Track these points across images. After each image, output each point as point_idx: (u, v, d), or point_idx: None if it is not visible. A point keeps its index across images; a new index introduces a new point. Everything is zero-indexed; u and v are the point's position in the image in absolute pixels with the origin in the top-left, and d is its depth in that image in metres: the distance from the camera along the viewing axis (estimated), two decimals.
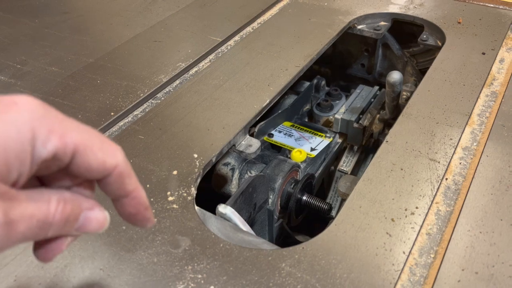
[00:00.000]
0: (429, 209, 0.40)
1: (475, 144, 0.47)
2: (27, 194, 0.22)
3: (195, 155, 0.47)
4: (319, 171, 0.66)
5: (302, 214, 0.60)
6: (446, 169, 0.44)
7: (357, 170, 0.74)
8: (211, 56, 0.64)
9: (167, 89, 0.58)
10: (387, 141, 0.47)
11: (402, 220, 0.39)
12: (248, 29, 0.70)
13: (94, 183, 0.26)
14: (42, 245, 0.24)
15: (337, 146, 0.71)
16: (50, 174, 0.24)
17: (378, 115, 0.72)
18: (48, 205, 0.23)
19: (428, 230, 0.38)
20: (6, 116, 0.21)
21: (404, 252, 0.36)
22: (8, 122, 0.21)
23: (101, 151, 0.24)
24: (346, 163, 0.72)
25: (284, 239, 0.62)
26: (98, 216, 0.25)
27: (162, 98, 0.56)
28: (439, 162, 0.44)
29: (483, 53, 0.60)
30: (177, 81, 0.59)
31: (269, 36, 0.67)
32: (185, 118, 0.52)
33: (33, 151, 0.22)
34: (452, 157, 0.45)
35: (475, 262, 0.35)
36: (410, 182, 0.42)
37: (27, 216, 0.21)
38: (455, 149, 0.46)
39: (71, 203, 0.24)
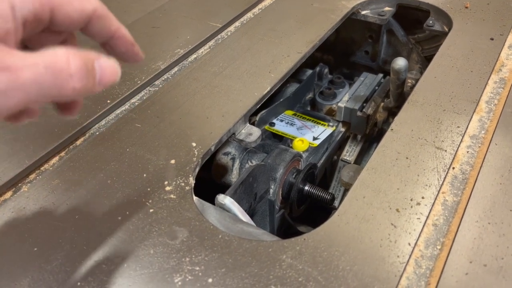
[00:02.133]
0: (435, 199, 0.38)
1: (483, 132, 0.45)
2: (25, 51, 0.22)
3: (194, 144, 0.45)
4: (321, 161, 0.65)
5: (304, 205, 0.59)
6: (453, 158, 0.42)
7: (360, 159, 0.73)
8: (211, 43, 0.62)
9: (165, 76, 0.56)
10: (392, 129, 0.45)
11: (408, 210, 0.37)
12: (249, 14, 0.68)
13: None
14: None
15: (340, 135, 0.69)
16: (36, 38, 0.25)
17: (382, 104, 0.71)
18: (54, 55, 0.22)
19: (434, 221, 0.37)
20: None
21: (409, 244, 0.35)
22: None
23: (77, 1, 0.25)
24: (349, 153, 0.71)
25: (286, 230, 0.61)
26: (109, 63, 0.24)
27: (160, 86, 0.54)
28: (445, 150, 0.43)
29: (492, 39, 0.59)
30: (176, 68, 0.57)
31: (270, 21, 0.65)
32: (183, 106, 0.51)
33: (14, 11, 0.22)
34: (459, 145, 0.44)
35: (484, 254, 0.34)
36: (415, 171, 0.41)
37: (30, 63, 0.21)
38: (463, 137, 0.44)
39: (80, 51, 0.23)
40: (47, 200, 0.40)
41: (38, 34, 0.26)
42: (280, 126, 0.68)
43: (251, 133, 0.49)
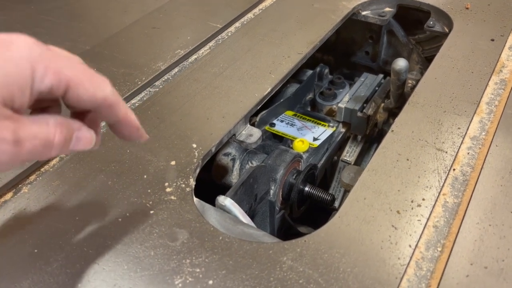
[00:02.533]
0: (436, 201, 0.38)
1: (483, 133, 0.45)
2: (28, 118, 0.25)
3: (194, 145, 0.45)
4: (321, 161, 0.65)
5: (304, 205, 0.59)
6: (454, 160, 0.42)
7: (360, 160, 0.73)
8: (211, 43, 0.62)
9: (165, 77, 0.56)
10: (392, 131, 0.45)
11: (408, 212, 0.37)
12: (249, 15, 0.68)
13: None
14: None
15: (340, 136, 0.69)
16: (47, 104, 0.28)
17: (382, 104, 0.71)
18: (47, 127, 0.26)
19: (435, 222, 0.37)
20: (6, 54, 0.24)
21: (410, 246, 0.35)
22: (8, 59, 0.24)
23: (91, 85, 0.26)
24: (350, 153, 0.71)
25: (286, 231, 0.61)
26: (86, 135, 0.28)
27: (160, 86, 0.54)
28: (446, 152, 0.43)
29: (492, 40, 0.58)
30: (176, 69, 0.57)
31: (270, 22, 0.65)
32: (183, 106, 0.51)
33: (32, 85, 0.24)
34: (460, 147, 0.44)
35: (484, 256, 0.34)
36: (416, 173, 0.41)
37: (32, 136, 0.25)
38: (463, 138, 0.44)
39: (66, 124, 0.27)
40: (48, 201, 0.40)
41: None
42: (280, 127, 0.68)
43: (252, 134, 0.49)
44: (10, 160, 0.24)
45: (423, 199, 0.38)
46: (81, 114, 0.29)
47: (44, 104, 0.28)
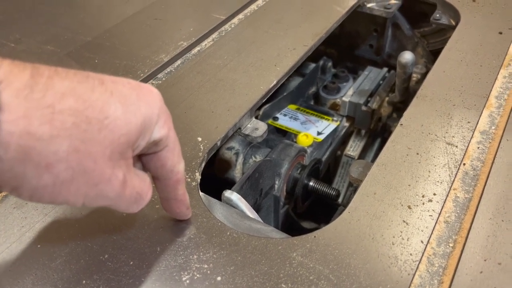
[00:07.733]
0: (447, 195, 0.38)
1: (493, 127, 0.45)
2: (134, 170, 0.27)
3: (199, 139, 0.44)
4: (325, 156, 0.64)
5: (308, 200, 0.58)
6: (464, 154, 0.42)
7: (364, 155, 0.72)
8: (214, 35, 0.61)
9: (168, 69, 0.55)
10: (401, 124, 0.45)
11: (419, 207, 0.37)
12: (253, 6, 0.67)
13: None
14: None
15: (344, 130, 0.68)
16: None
17: (387, 98, 0.70)
18: (145, 184, 0.28)
19: (446, 218, 0.36)
20: (148, 99, 0.26)
21: (422, 241, 0.34)
22: (148, 104, 0.26)
23: (177, 157, 0.29)
24: (353, 148, 0.70)
25: (290, 226, 0.60)
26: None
27: (163, 79, 0.53)
28: (456, 146, 0.42)
29: (500, 33, 0.58)
30: (179, 61, 0.56)
31: (275, 14, 0.64)
32: (187, 99, 0.50)
33: (151, 132, 0.26)
34: (470, 141, 0.43)
35: (498, 252, 0.33)
36: (426, 167, 0.40)
37: (132, 185, 0.26)
38: (473, 132, 0.44)
39: (151, 186, 0.29)
40: None
41: None
42: (283, 121, 0.67)
43: (257, 128, 0.48)
44: (114, 197, 0.25)
45: (434, 194, 0.38)
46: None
47: None
